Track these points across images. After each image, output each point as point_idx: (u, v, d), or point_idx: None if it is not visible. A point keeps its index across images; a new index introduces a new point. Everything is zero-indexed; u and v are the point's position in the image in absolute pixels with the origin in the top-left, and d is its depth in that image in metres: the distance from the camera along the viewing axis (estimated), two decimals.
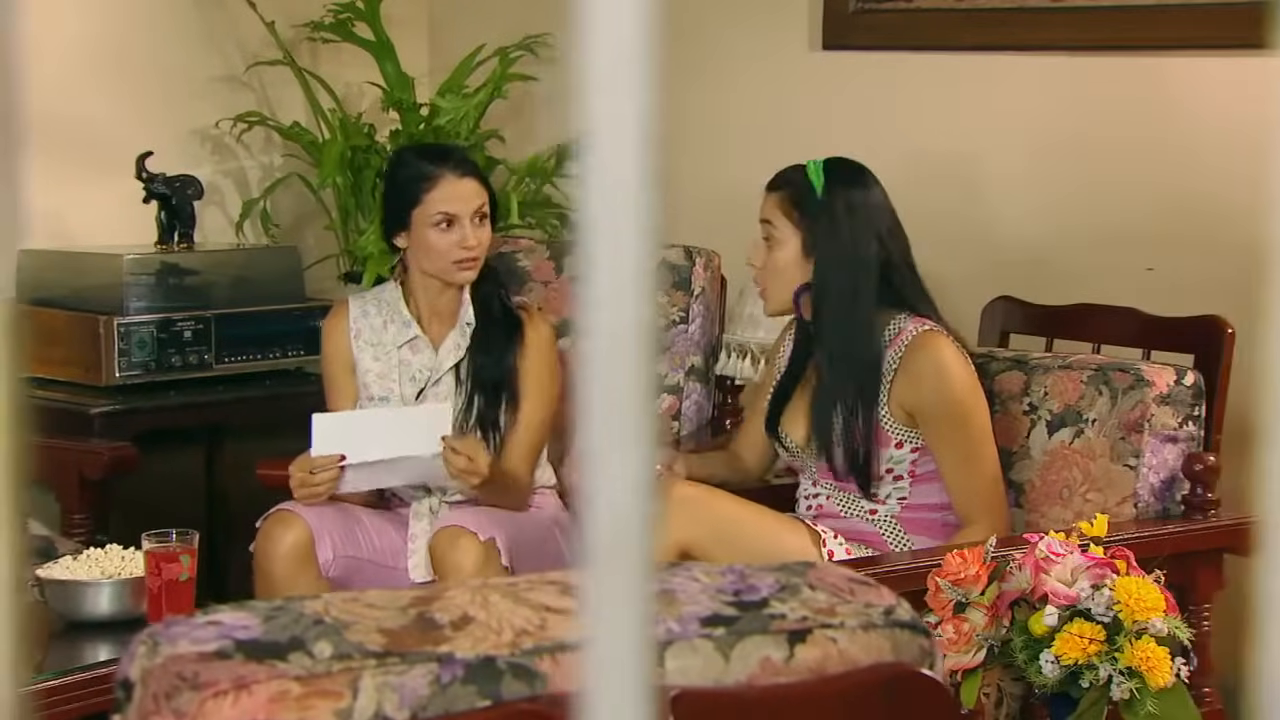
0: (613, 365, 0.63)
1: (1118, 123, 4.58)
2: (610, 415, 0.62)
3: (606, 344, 0.63)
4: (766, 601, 1.78)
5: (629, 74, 0.63)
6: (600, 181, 0.65)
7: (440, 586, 1.83)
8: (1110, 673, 2.88)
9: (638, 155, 0.64)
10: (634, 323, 0.64)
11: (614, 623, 0.65)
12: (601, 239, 0.65)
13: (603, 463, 0.62)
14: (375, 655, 1.66)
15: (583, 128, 0.67)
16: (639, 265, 0.65)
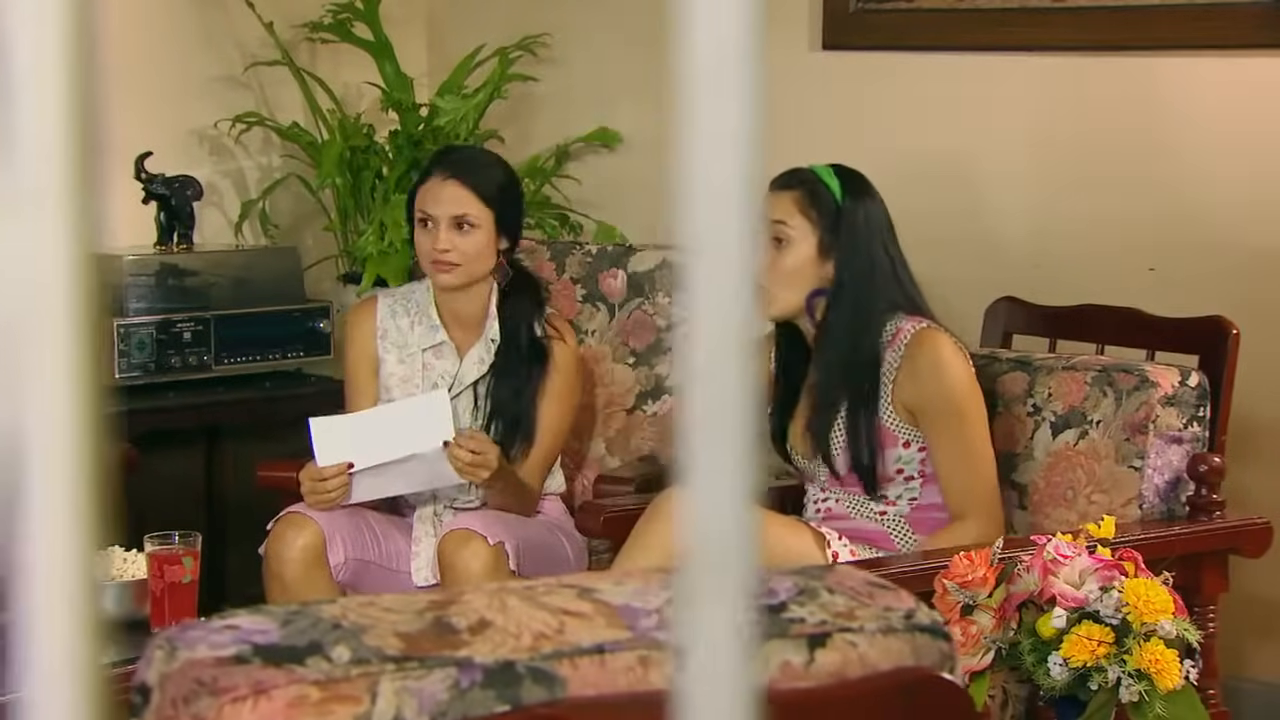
0: (712, 378, 0.62)
1: (1119, 122, 4.57)
2: (710, 428, 0.61)
3: (706, 357, 0.62)
4: (785, 605, 1.77)
5: (730, 76, 0.62)
6: (701, 190, 0.64)
7: (456, 590, 1.82)
8: (1119, 675, 2.87)
9: (739, 161, 0.63)
10: (735, 334, 0.63)
11: (712, 636, 0.64)
12: (701, 248, 0.64)
13: (702, 475, 0.61)
14: (393, 660, 1.65)
15: (683, 132, 0.65)
16: (740, 277, 0.64)
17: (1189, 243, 4.44)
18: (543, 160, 5.47)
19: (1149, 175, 4.50)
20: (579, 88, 5.55)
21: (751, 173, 0.63)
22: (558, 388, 4.06)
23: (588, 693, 1.68)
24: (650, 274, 4.53)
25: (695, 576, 0.63)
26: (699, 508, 0.61)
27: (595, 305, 4.56)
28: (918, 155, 4.80)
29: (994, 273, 4.61)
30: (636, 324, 4.52)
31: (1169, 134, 4.47)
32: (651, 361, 4.51)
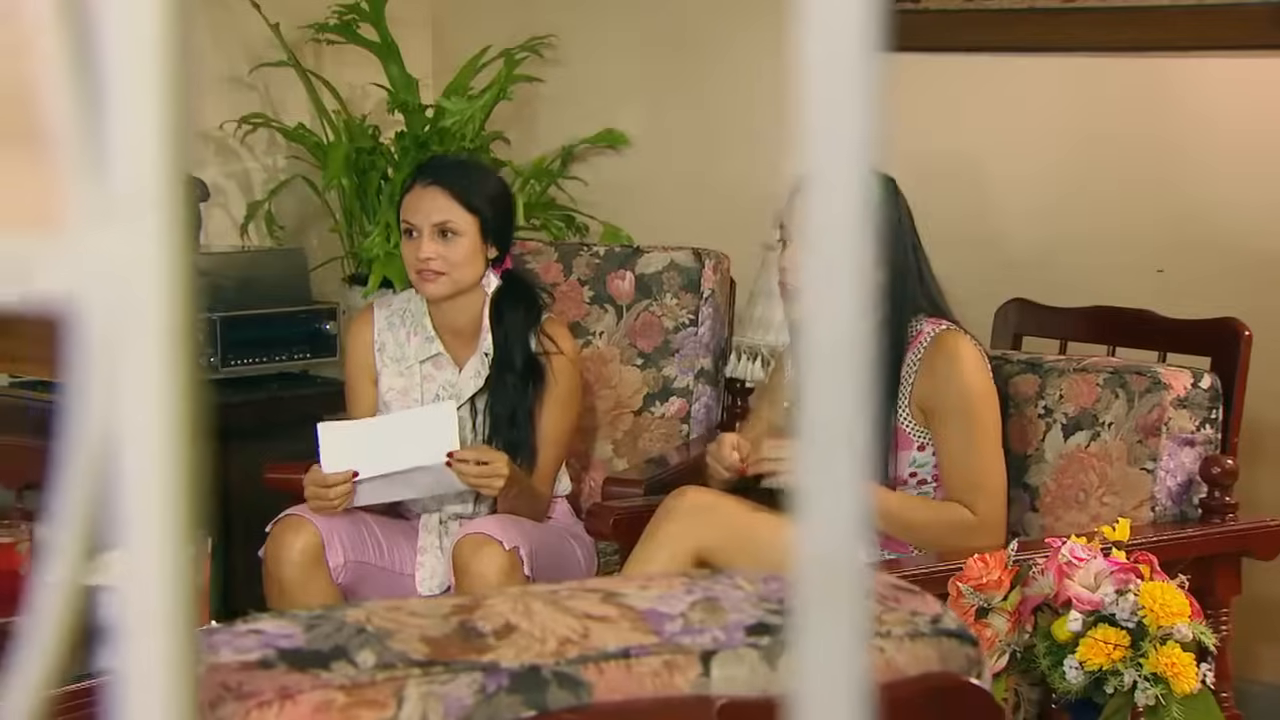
0: (827, 391, 0.61)
1: (1129, 123, 4.56)
2: (823, 440, 0.60)
3: (821, 369, 0.61)
4: None
5: (848, 89, 0.61)
6: (819, 201, 0.63)
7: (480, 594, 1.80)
8: (1135, 678, 2.86)
9: (857, 173, 0.62)
10: (850, 347, 0.61)
11: (826, 649, 0.63)
12: (819, 260, 0.63)
13: (815, 487, 0.60)
14: (419, 664, 1.64)
15: (803, 143, 0.64)
16: (857, 290, 0.63)
17: (1199, 244, 4.43)
18: (548, 161, 5.46)
19: (1159, 176, 4.50)
20: (584, 89, 5.54)
21: (870, 187, 0.62)
22: (558, 398, 4.04)
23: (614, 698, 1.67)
24: (658, 275, 4.52)
25: (808, 598, 0.62)
26: (811, 527, 0.60)
27: (603, 306, 4.55)
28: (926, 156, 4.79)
29: (1004, 274, 4.60)
30: (644, 325, 4.51)
31: (1179, 134, 4.46)
32: (659, 363, 4.50)
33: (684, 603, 1.76)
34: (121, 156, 0.53)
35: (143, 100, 0.53)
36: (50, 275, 0.55)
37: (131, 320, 0.54)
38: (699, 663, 1.70)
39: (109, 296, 0.53)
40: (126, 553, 0.65)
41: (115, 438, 0.61)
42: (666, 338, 4.50)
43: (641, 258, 4.56)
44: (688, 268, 4.52)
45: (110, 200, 0.53)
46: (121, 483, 0.62)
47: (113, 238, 0.53)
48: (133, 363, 0.56)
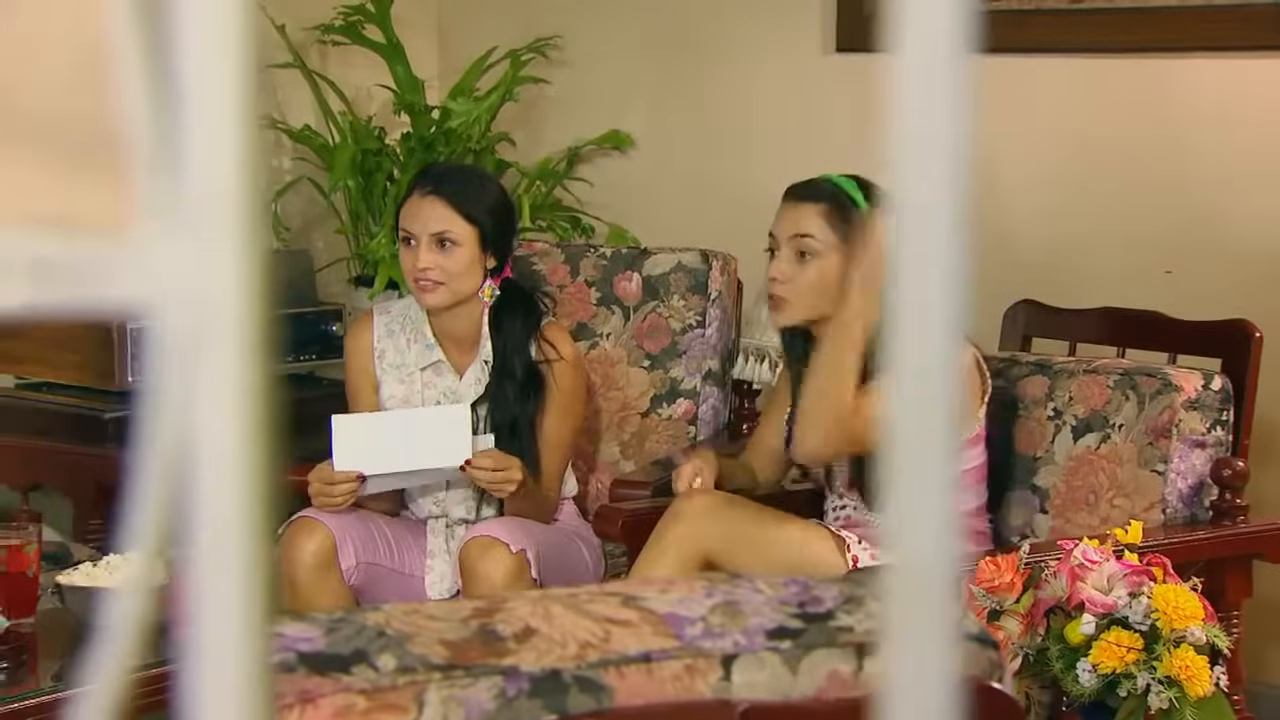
0: (916, 403, 0.60)
1: (1137, 125, 4.56)
2: (913, 452, 0.60)
3: (910, 382, 0.60)
4: (832, 613, 1.75)
5: (941, 95, 0.61)
6: (908, 211, 0.62)
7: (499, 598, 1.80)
8: (1149, 682, 2.85)
9: (949, 181, 0.61)
10: (940, 359, 0.61)
11: (918, 662, 0.62)
12: (907, 270, 0.62)
13: (905, 499, 0.59)
14: (439, 668, 1.63)
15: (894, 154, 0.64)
16: (947, 301, 0.62)
17: (1208, 245, 4.42)
18: (554, 162, 5.45)
19: (1168, 177, 4.49)
20: (590, 90, 5.53)
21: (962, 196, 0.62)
22: (560, 404, 4.03)
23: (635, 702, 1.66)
24: (665, 277, 4.52)
25: (899, 604, 0.61)
26: (901, 536, 0.59)
27: (610, 308, 4.54)
28: None
29: (1012, 275, 4.59)
30: (651, 327, 4.51)
31: (1187, 136, 4.46)
32: (666, 364, 4.49)
33: (704, 606, 1.75)
34: (197, 158, 0.52)
35: (218, 100, 0.52)
36: (125, 280, 0.54)
37: (207, 324, 0.53)
38: (720, 667, 1.69)
39: (184, 300, 0.53)
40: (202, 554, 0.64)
41: (190, 441, 0.60)
42: (674, 339, 4.50)
43: (648, 259, 4.56)
44: (695, 269, 4.51)
45: (185, 202, 0.52)
46: (197, 487, 0.61)
47: (188, 241, 0.52)
48: (209, 366, 0.56)
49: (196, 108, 0.53)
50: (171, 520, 0.63)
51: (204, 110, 0.52)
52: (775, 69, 5.22)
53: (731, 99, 5.29)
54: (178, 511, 0.64)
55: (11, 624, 3.49)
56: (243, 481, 0.61)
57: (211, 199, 0.52)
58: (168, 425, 0.60)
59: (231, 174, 0.52)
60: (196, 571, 0.65)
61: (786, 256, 3.73)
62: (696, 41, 5.35)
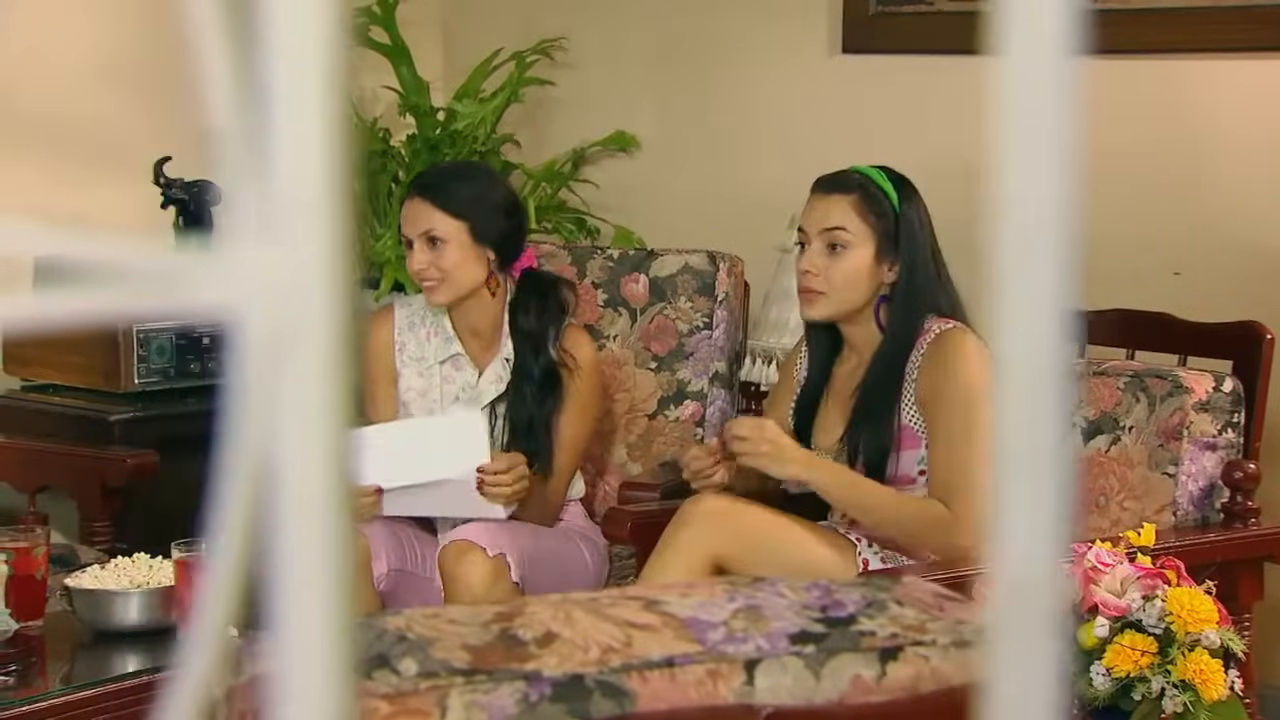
0: (1023, 411, 0.59)
1: (1146, 126, 4.55)
2: (1019, 464, 0.59)
3: (1017, 394, 0.59)
4: (855, 618, 1.74)
5: (1047, 96, 0.60)
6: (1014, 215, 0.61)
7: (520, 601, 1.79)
8: (1163, 685, 2.85)
9: (1056, 184, 0.60)
10: (1047, 370, 0.60)
11: (1020, 671, 0.61)
12: (1013, 275, 0.61)
13: (1010, 506, 0.58)
14: (462, 673, 1.62)
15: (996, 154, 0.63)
16: (1055, 305, 0.61)
17: (1218, 246, 4.41)
18: (559, 164, 5.45)
19: (1177, 178, 4.48)
20: (595, 91, 5.52)
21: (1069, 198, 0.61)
22: (577, 405, 4.03)
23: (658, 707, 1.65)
24: (672, 279, 4.51)
25: (1004, 617, 0.60)
26: (1007, 552, 0.59)
27: (617, 310, 4.53)
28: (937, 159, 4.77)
29: None
30: (658, 329, 4.50)
31: (1197, 137, 4.45)
32: (673, 366, 4.48)
33: (726, 610, 1.75)
34: (284, 164, 0.51)
35: (306, 105, 0.51)
36: (212, 286, 0.53)
37: (293, 330, 0.53)
38: (743, 671, 1.68)
39: (271, 307, 0.52)
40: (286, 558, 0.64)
41: (274, 449, 0.59)
42: (681, 341, 4.49)
43: (655, 261, 4.55)
44: (702, 271, 4.50)
45: (273, 209, 0.51)
46: (280, 490, 0.60)
47: (275, 248, 0.51)
48: (294, 373, 0.55)
49: (284, 113, 0.52)
50: (255, 524, 0.63)
51: (292, 115, 0.52)
52: (781, 70, 5.22)
53: (737, 100, 5.28)
54: (261, 515, 0.63)
55: (20, 627, 3.48)
56: (326, 485, 0.60)
57: (299, 205, 0.52)
58: (251, 430, 0.60)
59: (319, 180, 0.51)
60: (281, 572, 0.65)
61: (818, 249, 3.70)
62: (701, 42, 5.34)
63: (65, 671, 3.44)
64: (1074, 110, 0.62)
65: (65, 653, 3.51)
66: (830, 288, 3.69)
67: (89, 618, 3.50)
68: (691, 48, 5.36)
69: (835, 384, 3.81)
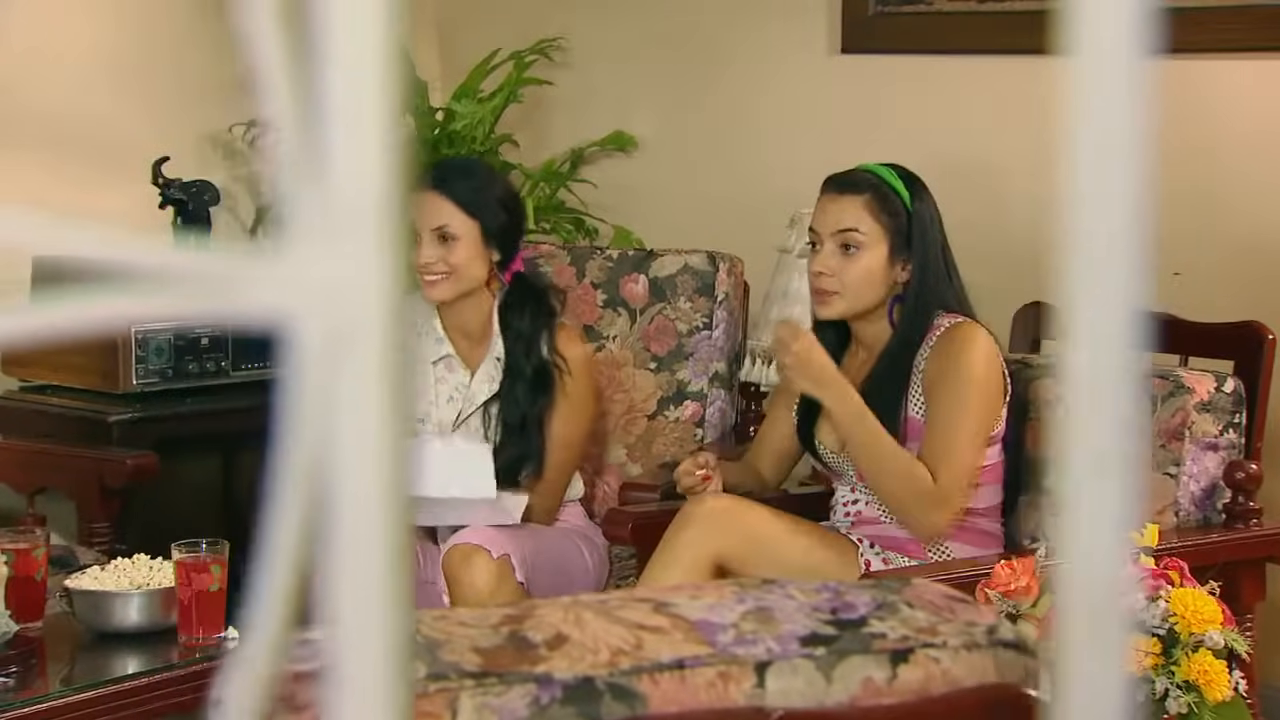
0: (1091, 415, 0.59)
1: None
2: (1088, 469, 0.58)
3: (1085, 393, 0.59)
4: (865, 620, 1.73)
5: (1117, 89, 0.59)
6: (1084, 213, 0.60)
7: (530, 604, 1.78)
8: (1167, 686, 2.84)
9: (1128, 181, 0.59)
10: (1118, 375, 0.59)
11: (1092, 682, 0.61)
12: (1082, 276, 0.60)
13: (1080, 516, 0.58)
14: (472, 675, 1.62)
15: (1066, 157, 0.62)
16: (1125, 307, 0.60)
17: (1220, 247, 4.41)
18: (558, 164, 5.44)
19: (1179, 178, 4.48)
20: (594, 91, 5.52)
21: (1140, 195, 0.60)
22: (570, 405, 4.02)
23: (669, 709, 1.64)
24: (672, 279, 4.50)
25: (1073, 629, 0.59)
26: (1076, 557, 0.58)
27: (616, 310, 4.53)
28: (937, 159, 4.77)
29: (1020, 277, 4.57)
30: (658, 329, 4.49)
31: (1199, 137, 4.45)
32: (673, 367, 4.48)
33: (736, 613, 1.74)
34: (341, 167, 0.51)
35: (363, 109, 0.51)
36: (268, 289, 0.53)
37: (350, 333, 0.52)
38: (753, 674, 1.68)
39: (327, 310, 0.51)
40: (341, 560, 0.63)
41: (329, 454, 0.59)
42: (680, 341, 4.48)
43: (655, 261, 4.54)
44: (702, 271, 4.50)
45: (329, 213, 0.51)
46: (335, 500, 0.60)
47: (331, 252, 0.51)
48: (350, 376, 0.54)
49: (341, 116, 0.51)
50: (310, 524, 0.62)
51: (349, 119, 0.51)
52: (779, 70, 5.21)
53: (735, 100, 5.28)
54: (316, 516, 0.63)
55: (20, 628, 3.47)
56: (383, 487, 0.60)
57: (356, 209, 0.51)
58: (307, 432, 0.59)
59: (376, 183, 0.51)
60: (336, 574, 0.64)
61: (831, 250, 3.69)
62: (700, 42, 5.33)
63: (65, 673, 3.43)
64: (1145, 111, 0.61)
65: (65, 654, 3.50)
66: (844, 288, 3.68)
67: (89, 619, 3.49)
68: (690, 48, 5.35)
69: None
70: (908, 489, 3.57)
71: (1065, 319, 0.64)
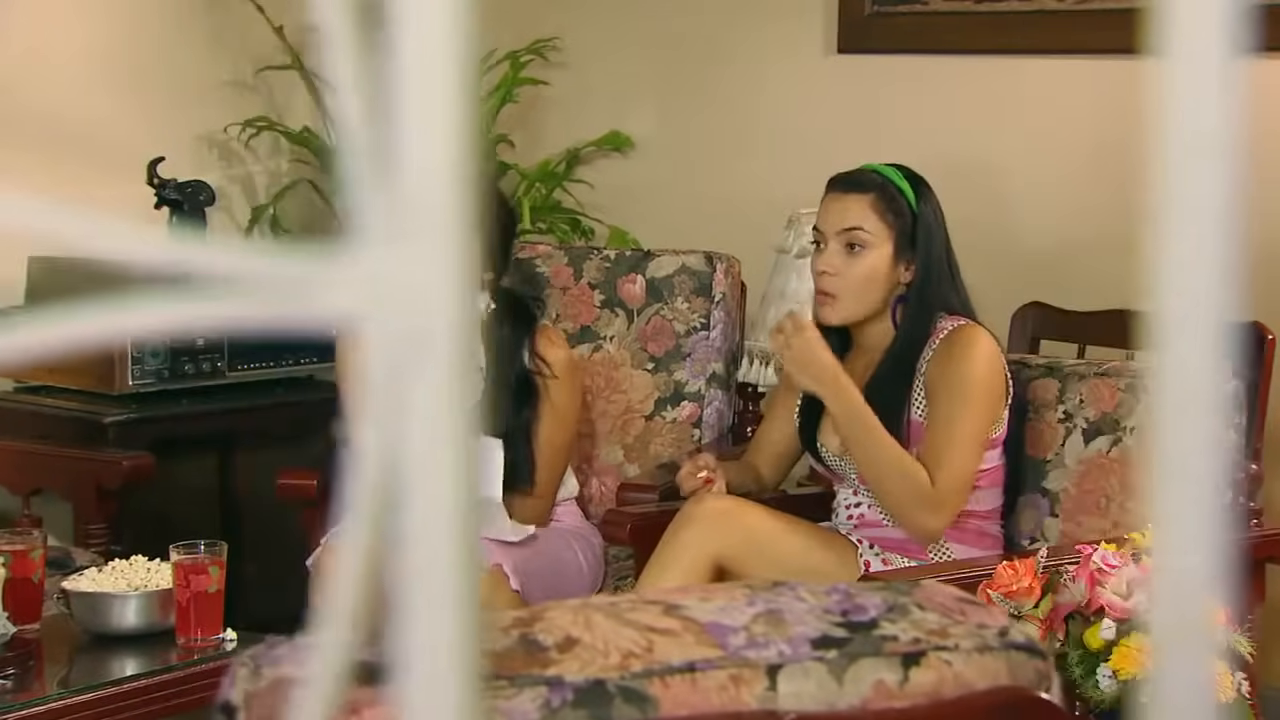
0: (1181, 433, 0.58)
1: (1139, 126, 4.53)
2: (1179, 477, 0.57)
3: (1177, 406, 0.58)
4: (876, 622, 1.73)
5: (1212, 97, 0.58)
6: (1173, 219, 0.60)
7: (540, 607, 1.77)
8: None
9: (1221, 182, 0.58)
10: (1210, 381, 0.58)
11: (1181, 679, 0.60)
12: (1176, 279, 0.60)
13: (1171, 524, 0.57)
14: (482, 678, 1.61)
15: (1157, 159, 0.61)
16: (1218, 310, 0.60)
17: None
18: (554, 164, 5.43)
19: None
20: (590, 91, 5.51)
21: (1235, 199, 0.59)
22: (555, 411, 4.00)
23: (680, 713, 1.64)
24: (669, 279, 4.49)
25: (1164, 630, 0.59)
26: (1167, 565, 0.57)
27: (614, 311, 4.52)
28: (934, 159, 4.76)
29: (1018, 277, 4.57)
30: (655, 330, 4.49)
31: None
32: (670, 367, 4.47)
33: (746, 615, 1.73)
34: (411, 169, 0.50)
35: (433, 110, 0.50)
36: (337, 292, 0.52)
37: (419, 336, 0.51)
38: (765, 677, 1.67)
39: (396, 313, 0.51)
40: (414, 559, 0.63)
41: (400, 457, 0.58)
42: (678, 342, 4.48)
43: (652, 261, 4.54)
44: (699, 271, 4.49)
45: (400, 215, 0.50)
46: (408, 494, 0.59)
47: (402, 254, 0.50)
48: (420, 378, 0.54)
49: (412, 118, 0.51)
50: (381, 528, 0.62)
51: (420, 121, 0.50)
52: (776, 70, 5.21)
53: (732, 100, 5.27)
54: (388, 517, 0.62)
55: (17, 630, 3.46)
56: (453, 488, 0.59)
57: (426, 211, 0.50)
58: (379, 433, 0.58)
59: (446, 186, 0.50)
60: (408, 574, 0.64)
61: (835, 249, 3.68)
62: (696, 42, 5.32)
63: (63, 675, 3.42)
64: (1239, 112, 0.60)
65: (63, 656, 3.49)
66: (847, 288, 3.67)
67: (87, 621, 3.48)
68: (686, 47, 5.35)
69: None
70: (904, 489, 3.56)
71: (1155, 328, 0.63)
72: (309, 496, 4.11)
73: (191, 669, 3.34)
